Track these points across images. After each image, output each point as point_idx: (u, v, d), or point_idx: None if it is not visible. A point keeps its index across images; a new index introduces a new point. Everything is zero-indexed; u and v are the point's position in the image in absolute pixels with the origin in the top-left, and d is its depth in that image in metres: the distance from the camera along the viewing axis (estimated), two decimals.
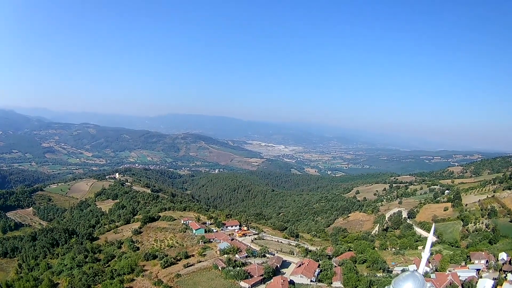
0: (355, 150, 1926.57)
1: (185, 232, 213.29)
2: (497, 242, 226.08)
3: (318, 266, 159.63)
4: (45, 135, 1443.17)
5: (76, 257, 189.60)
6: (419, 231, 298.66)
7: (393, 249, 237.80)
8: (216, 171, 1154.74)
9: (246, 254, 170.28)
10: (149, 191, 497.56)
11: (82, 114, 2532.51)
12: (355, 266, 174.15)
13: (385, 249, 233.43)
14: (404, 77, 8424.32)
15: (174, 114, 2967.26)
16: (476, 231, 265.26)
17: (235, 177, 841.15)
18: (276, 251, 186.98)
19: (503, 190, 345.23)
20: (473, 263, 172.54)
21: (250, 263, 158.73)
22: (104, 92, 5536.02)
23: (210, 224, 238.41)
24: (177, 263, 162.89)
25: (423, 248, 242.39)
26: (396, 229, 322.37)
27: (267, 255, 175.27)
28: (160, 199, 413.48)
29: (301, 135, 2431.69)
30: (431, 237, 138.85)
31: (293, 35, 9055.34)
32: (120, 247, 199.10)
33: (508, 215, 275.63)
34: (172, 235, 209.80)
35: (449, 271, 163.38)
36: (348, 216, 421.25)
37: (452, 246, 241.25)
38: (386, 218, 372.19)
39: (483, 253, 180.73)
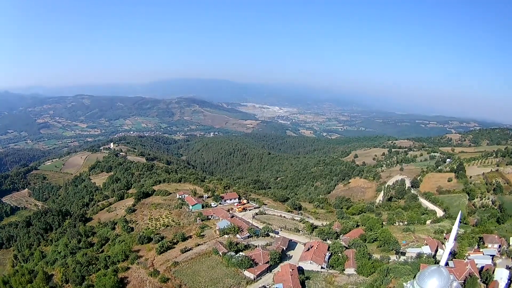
0: (350, 112, 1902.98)
1: (181, 208, 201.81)
2: (505, 222, 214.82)
3: (328, 249, 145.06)
4: (40, 111, 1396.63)
5: (70, 242, 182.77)
6: (424, 202, 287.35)
7: (401, 223, 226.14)
8: (211, 134, 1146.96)
9: (248, 234, 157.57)
10: (144, 160, 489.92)
11: (77, 86, 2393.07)
12: (366, 246, 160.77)
13: (392, 224, 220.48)
14: (399, 42, 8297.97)
15: (168, 79, 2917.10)
16: (483, 207, 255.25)
17: (231, 141, 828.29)
18: (280, 229, 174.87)
19: (507, 165, 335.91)
20: (486, 246, 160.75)
21: (253, 245, 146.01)
22: (97, 63, 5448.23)
23: (208, 198, 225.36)
24: (174, 247, 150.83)
25: (432, 222, 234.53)
26: (401, 199, 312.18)
27: (271, 234, 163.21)
28: (155, 169, 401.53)
29: (295, 96, 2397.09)
30: (456, 228, 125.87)
31: None
32: (114, 228, 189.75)
33: None
34: (168, 212, 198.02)
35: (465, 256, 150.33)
36: (349, 183, 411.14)
37: (460, 222, 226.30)
38: (387, 186, 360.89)
39: (496, 236, 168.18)
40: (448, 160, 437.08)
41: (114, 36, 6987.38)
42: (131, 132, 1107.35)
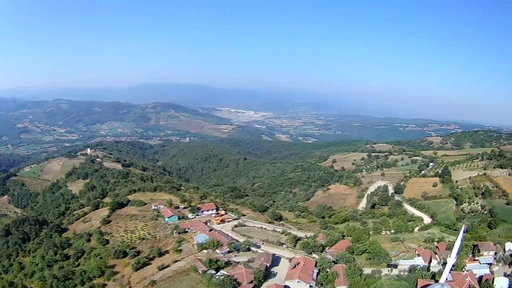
0: (326, 116, 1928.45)
1: (156, 220, 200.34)
2: (497, 227, 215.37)
3: (316, 265, 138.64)
4: (20, 116, 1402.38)
5: (47, 254, 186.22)
6: (410, 209, 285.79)
7: (388, 231, 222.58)
8: (187, 139, 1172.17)
9: (228, 249, 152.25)
10: (120, 166, 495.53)
11: (57, 90, 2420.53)
12: (354, 259, 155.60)
13: (379, 233, 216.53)
14: (374, 44, 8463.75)
15: (145, 84, 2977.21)
16: (472, 212, 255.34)
17: (206, 146, 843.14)
18: (261, 242, 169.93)
19: (494, 168, 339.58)
20: (482, 254, 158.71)
21: (235, 261, 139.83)
22: (77, 66, 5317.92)
23: (184, 209, 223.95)
24: (151, 263, 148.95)
25: (420, 229, 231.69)
26: (384, 205, 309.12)
27: (253, 248, 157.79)
28: (130, 176, 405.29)
29: (271, 101, 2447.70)
30: (459, 243, 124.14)
31: None
32: (89, 240, 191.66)
33: (504, 197, 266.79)
34: (143, 224, 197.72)
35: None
36: (329, 189, 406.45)
37: (450, 228, 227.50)
38: (370, 192, 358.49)
39: (491, 243, 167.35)
40: (431, 164, 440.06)
41: (92, 40, 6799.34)
42: (108, 137, 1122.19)
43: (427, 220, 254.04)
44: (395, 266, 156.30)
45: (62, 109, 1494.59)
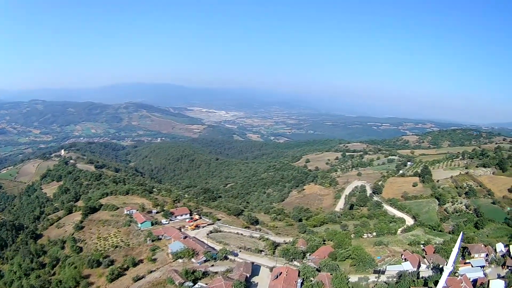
0: (298, 115, 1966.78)
1: (129, 226, 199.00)
2: (484, 227, 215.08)
3: (299, 274, 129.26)
4: None
5: (23, 262, 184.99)
6: (390, 209, 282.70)
7: (369, 234, 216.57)
8: (158, 139, 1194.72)
9: (205, 258, 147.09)
10: (93, 168, 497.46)
11: (33, 91, 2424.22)
12: (338, 265, 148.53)
13: (361, 236, 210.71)
14: (346, 43, 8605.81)
15: (118, 84, 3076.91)
16: (456, 212, 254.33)
17: (178, 147, 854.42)
18: (239, 250, 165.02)
19: (477, 167, 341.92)
20: (473, 257, 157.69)
21: (212, 272, 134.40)
22: (52, 67, 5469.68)
23: (157, 213, 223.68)
24: (125, 274, 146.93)
25: (403, 231, 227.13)
26: (363, 206, 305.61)
27: (230, 257, 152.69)
28: (103, 178, 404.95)
29: (242, 100, 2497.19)
30: (456, 250, 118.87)
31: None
32: (63, 247, 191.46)
33: (489, 196, 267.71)
34: (116, 230, 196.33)
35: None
36: (304, 189, 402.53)
37: (434, 229, 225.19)
38: (348, 193, 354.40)
39: (482, 245, 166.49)
40: (409, 163, 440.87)
41: (66, 41, 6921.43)
42: (81, 138, 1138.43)
43: (409, 221, 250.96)
44: (382, 272, 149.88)
45: (38, 110, 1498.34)
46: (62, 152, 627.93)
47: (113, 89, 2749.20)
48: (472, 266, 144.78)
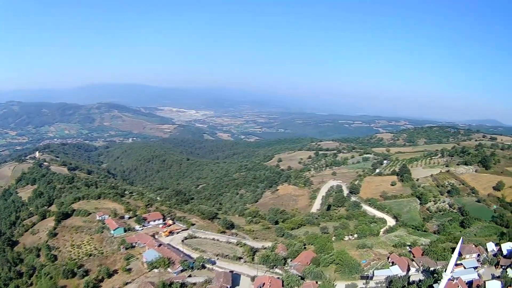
0: (268, 114, 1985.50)
1: (102, 232, 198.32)
2: (471, 226, 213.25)
3: (283, 284, 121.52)
4: None
5: (2, 270, 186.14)
6: (369, 210, 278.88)
7: (351, 237, 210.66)
8: (130, 140, 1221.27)
9: (181, 268, 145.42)
10: (66, 170, 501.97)
11: (10, 92, 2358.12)
12: (322, 272, 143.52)
13: (342, 239, 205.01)
14: (315, 40, 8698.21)
15: (92, 84, 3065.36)
16: (440, 211, 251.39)
17: (149, 147, 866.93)
18: (216, 257, 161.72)
19: (458, 165, 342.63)
20: (464, 258, 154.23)
21: (190, 283, 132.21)
22: (26, 67, 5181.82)
23: (129, 219, 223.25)
24: (101, 286, 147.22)
25: (385, 232, 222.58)
26: (341, 207, 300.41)
27: (208, 265, 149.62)
28: (75, 181, 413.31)
29: (212, 99, 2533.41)
30: (456, 256, 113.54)
31: None
32: (38, 255, 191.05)
33: (473, 194, 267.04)
34: (89, 237, 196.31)
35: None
36: (277, 190, 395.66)
37: (418, 229, 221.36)
38: (324, 193, 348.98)
39: (472, 245, 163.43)
40: (385, 161, 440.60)
41: (40, 41, 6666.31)
42: (55, 140, 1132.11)
43: (390, 221, 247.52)
44: (370, 277, 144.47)
45: (14, 111, 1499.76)
46: (37, 154, 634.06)
47: (86, 90, 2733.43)
48: (464, 268, 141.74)
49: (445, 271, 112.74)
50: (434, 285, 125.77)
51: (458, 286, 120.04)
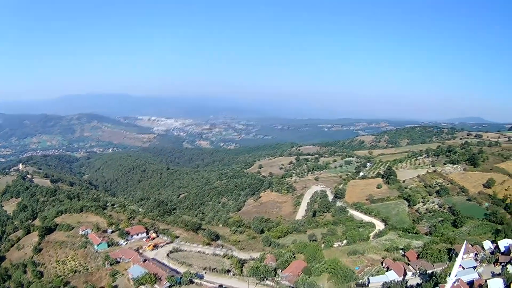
0: (246, 120, 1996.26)
1: (86, 248, 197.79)
2: (463, 225, 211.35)
3: None
4: None
5: None
6: (357, 214, 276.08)
7: (340, 243, 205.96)
8: (110, 150, 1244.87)
9: (169, 284, 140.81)
10: (48, 182, 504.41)
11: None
12: (315, 282, 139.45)
13: (331, 246, 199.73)
14: (291, 45, 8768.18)
15: (72, 95, 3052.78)
16: (430, 212, 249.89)
17: (129, 157, 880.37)
18: (203, 271, 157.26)
19: (445, 164, 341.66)
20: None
21: None
22: (7, 79, 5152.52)
23: (112, 233, 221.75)
24: None
25: (375, 236, 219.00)
26: (326, 212, 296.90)
27: (196, 280, 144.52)
28: (58, 193, 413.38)
29: (190, 107, 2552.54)
30: (460, 260, 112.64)
31: None
32: (25, 272, 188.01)
33: (463, 193, 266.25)
34: (73, 253, 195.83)
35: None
36: (260, 197, 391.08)
37: (409, 232, 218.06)
38: (308, 199, 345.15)
39: (469, 245, 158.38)
40: (368, 164, 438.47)
41: (18, 53, 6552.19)
42: (38, 151, 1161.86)
43: (379, 225, 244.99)
44: (366, 285, 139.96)
45: None
46: (20, 166, 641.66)
47: (66, 100, 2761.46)
48: (463, 268, 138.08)
49: (449, 275, 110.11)
50: None
51: None
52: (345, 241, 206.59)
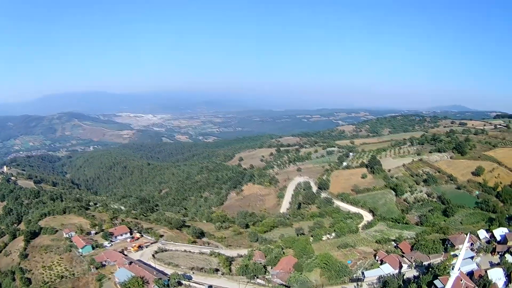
0: (225, 113, 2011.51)
1: (70, 251, 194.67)
2: (455, 214, 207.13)
3: None
4: None
5: None
6: (343, 205, 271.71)
7: (328, 236, 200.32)
8: (91, 148, 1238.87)
9: (157, 287, 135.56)
10: (32, 183, 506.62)
11: None
12: (308, 278, 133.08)
13: (320, 239, 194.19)
14: (267, 37, 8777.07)
15: (53, 94, 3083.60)
16: (418, 202, 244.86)
17: (110, 154, 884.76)
18: (191, 271, 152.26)
19: (430, 152, 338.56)
20: (457, 249, 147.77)
21: None
22: None
23: (96, 234, 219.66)
24: None
25: (364, 228, 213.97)
26: (311, 204, 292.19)
27: (184, 282, 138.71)
28: (41, 195, 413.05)
29: (168, 102, 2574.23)
30: (463, 252, 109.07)
31: None
32: (14, 279, 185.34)
33: (452, 181, 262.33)
34: (59, 257, 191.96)
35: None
36: (242, 190, 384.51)
37: (398, 222, 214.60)
38: (292, 191, 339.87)
39: (464, 235, 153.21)
40: (351, 154, 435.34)
41: None
42: (21, 152, 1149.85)
43: (367, 216, 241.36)
44: (361, 279, 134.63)
45: None
46: (5, 168, 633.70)
47: (47, 100, 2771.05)
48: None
49: (452, 268, 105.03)
50: (434, 281, 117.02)
51: (461, 280, 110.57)
52: (333, 234, 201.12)
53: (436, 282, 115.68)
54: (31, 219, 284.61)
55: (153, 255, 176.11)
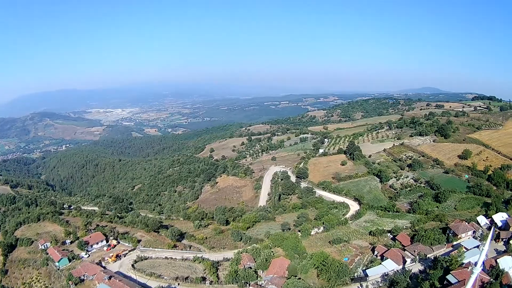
0: (192, 104, 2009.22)
1: (47, 265, 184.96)
2: (447, 200, 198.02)
3: None
4: None
5: None
6: (325, 194, 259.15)
7: (317, 229, 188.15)
8: (63, 147, 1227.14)
9: None
10: (9, 188, 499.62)
11: None
12: (304, 280, 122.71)
13: (309, 235, 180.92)
14: (232, 24, 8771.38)
15: (25, 95, 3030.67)
16: (406, 188, 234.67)
17: (81, 152, 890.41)
18: (176, 282, 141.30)
19: (411, 136, 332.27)
20: (460, 238, 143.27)
21: None
22: None
23: (71, 243, 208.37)
24: None
25: (353, 218, 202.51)
26: (292, 194, 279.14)
27: None
28: (17, 200, 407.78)
29: (136, 96, 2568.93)
30: (487, 248, 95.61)
31: None
32: None
33: (438, 165, 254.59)
34: (37, 272, 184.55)
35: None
36: (217, 183, 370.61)
37: (388, 211, 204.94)
38: (269, 181, 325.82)
39: (465, 222, 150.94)
40: (326, 140, 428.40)
41: None
42: None
43: (352, 205, 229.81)
44: (364, 279, 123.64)
45: None
46: None
47: (19, 101, 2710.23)
48: (467, 249, 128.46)
49: (475, 265, 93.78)
50: (447, 277, 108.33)
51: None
52: (322, 227, 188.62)
53: (449, 277, 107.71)
54: (7, 229, 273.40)
55: (132, 265, 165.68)
